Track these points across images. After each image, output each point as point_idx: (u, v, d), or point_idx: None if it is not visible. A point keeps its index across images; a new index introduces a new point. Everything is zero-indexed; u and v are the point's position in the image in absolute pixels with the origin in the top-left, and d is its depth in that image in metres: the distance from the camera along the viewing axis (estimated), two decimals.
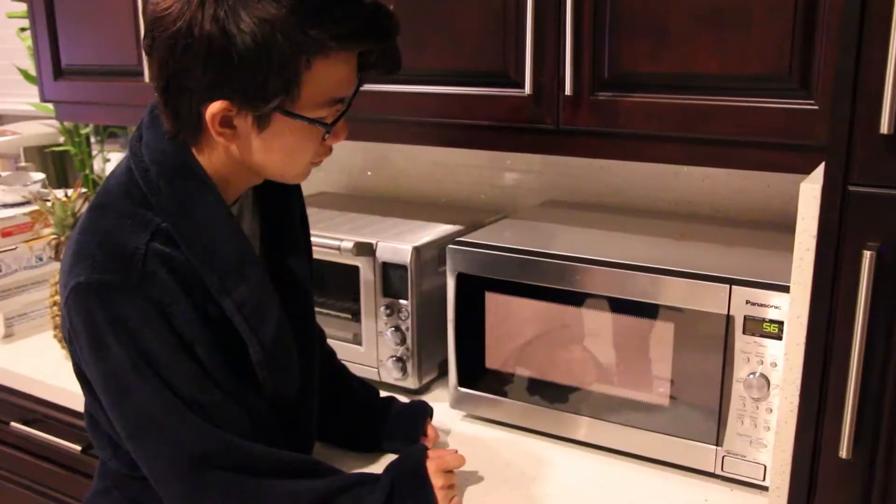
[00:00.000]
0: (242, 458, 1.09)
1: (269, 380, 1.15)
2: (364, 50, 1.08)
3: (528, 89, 1.35)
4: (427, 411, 1.41)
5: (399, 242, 1.54)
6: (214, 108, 1.02)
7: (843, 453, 0.92)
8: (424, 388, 1.62)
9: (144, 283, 1.03)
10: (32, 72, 2.20)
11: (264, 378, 1.14)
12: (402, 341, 1.56)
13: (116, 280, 1.03)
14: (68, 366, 1.18)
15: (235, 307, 1.09)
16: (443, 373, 1.62)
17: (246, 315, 1.10)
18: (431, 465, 1.20)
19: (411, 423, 1.39)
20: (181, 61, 1.00)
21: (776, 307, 1.19)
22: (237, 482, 1.08)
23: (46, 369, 1.77)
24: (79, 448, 1.72)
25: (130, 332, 1.03)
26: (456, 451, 1.29)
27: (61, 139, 2.58)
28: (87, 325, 1.05)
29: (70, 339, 1.11)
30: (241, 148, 1.08)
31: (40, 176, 2.24)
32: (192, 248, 1.07)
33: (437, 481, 1.19)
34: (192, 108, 1.04)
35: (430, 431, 1.40)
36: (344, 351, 1.58)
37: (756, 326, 1.21)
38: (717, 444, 1.28)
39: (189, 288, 1.07)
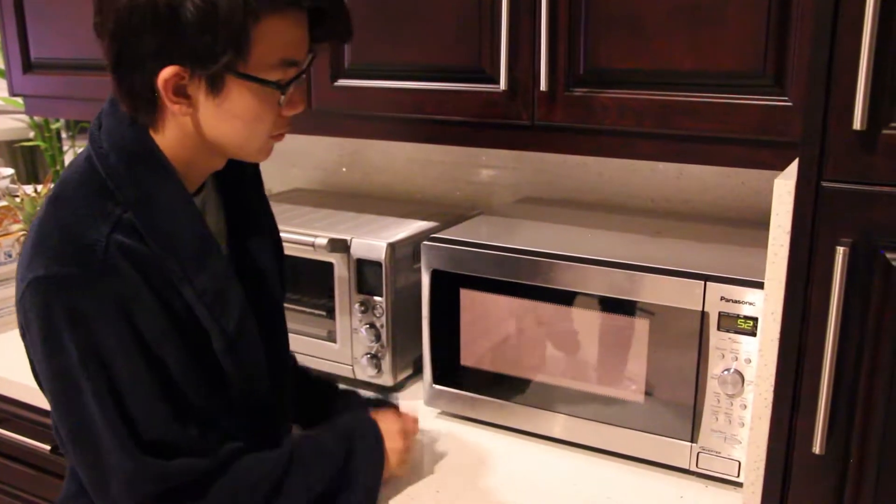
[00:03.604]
0: (175, 478, 1.07)
1: (235, 371, 1.12)
2: (316, 13, 1.06)
3: (503, 85, 1.34)
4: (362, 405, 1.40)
5: (373, 239, 1.53)
6: (166, 73, 1.00)
7: (817, 449, 0.92)
8: (399, 386, 1.61)
9: (106, 276, 1.01)
10: (1, 65, 2.16)
11: (230, 369, 1.12)
12: (377, 338, 1.55)
13: (77, 273, 1.01)
14: None
15: (197, 295, 1.07)
16: (417, 370, 1.61)
17: (208, 303, 1.08)
18: (396, 425, 1.27)
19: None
20: (129, 29, 0.99)
21: (750, 303, 1.20)
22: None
23: (15, 367, 1.74)
24: (48, 448, 1.69)
25: (88, 327, 1.01)
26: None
27: (31, 134, 2.55)
28: (43, 320, 1.02)
29: (24, 336, 1.08)
30: (196, 119, 1.06)
31: (9, 171, 2.21)
32: (154, 237, 1.05)
33: (398, 443, 1.25)
34: (145, 81, 1.02)
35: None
36: (318, 348, 1.57)
37: (730, 323, 1.22)
38: (691, 441, 1.29)
39: (152, 280, 1.04)
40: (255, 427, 1.19)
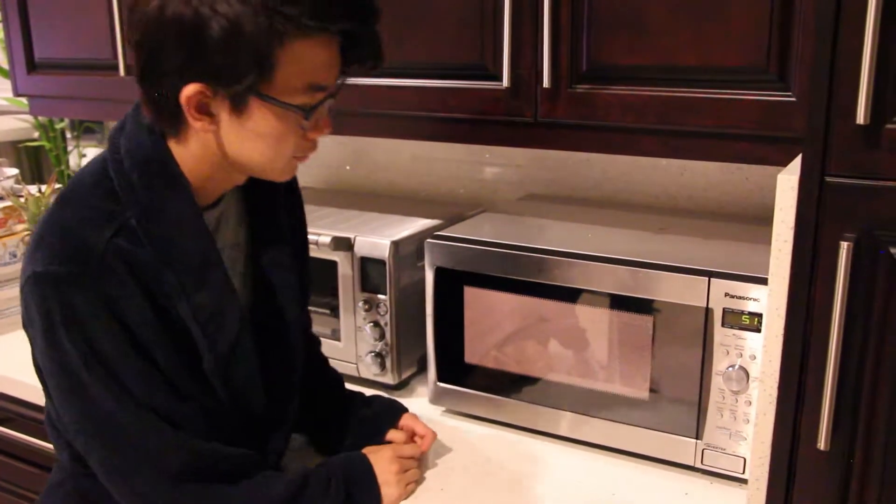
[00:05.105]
0: (197, 458, 1.08)
1: (223, 387, 1.13)
2: (344, 33, 1.05)
3: (506, 82, 1.34)
4: (388, 420, 1.39)
5: (377, 237, 1.53)
6: (189, 90, 1.00)
7: (822, 444, 0.92)
8: (403, 384, 1.61)
9: (100, 278, 1.02)
10: (5, 65, 2.17)
11: (218, 385, 1.13)
12: (381, 336, 1.55)
13: (73, 272, 1.02)
14: None
15: (191, 312, 1.07)
16: (422, 368, 1.61)
17: (202, 321, 1.08)
18: (387, 453, 1.25)
19: (373, 430, 1.38)
20: (154, 43, 0.99)
21: (755, 299, 1.19)
22: (193, 485, 1.08)
23: (20, 367, 1.74)
24: (52, 447, 1.69)
25: (82, 326, 1.02)
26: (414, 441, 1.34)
27: (35, 134, 2.55)
28: (42, 314, 1.03)
29: (27, 327, 1.10)
30: (218, 137, 1.06)
31: (14, 171, 2.21)
32: (155, 246, 1.05)
33: (390, 467, 1.23)
34: (169, 95, 1.02)
35: (404, 424, 1.38)
36: (322, 346, 1.57)
37: (735, 319, 1.21)
38: (696, 438, 1.28)
39: (148, 288, 1.05)
40: (249, 432, 1.19)
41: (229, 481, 1.11)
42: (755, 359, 1.21)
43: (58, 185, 1.87)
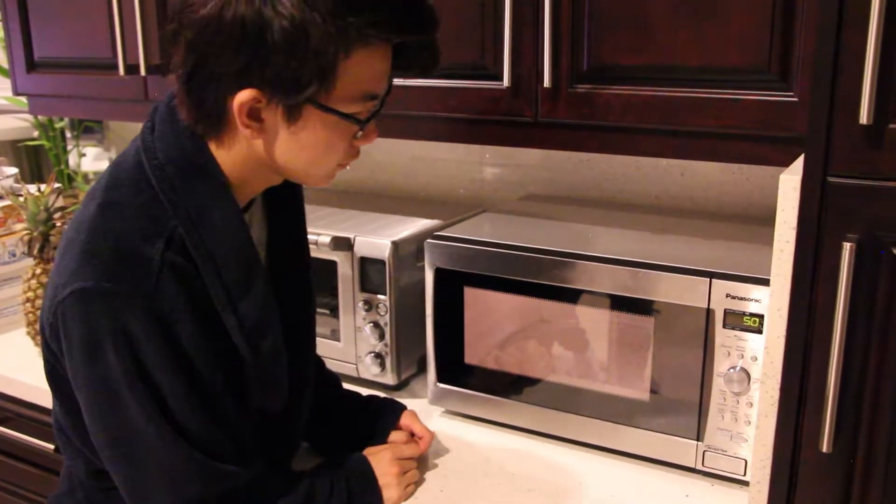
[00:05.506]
0: (217, 484, 1.07)
1: (257, 387, 1.12)
2: (402, 43, 1.04)
3: (506, 81, 1.34)
4: (388, 420, 1.38)
5: (377, 237, 1.53)
6: (243, 96, 0.97)
7: (824, 447, 0.91)
8: (403, 384, 1.61)
9: (156, 297, 0.99)
10: (5, 64, 2.16)
11: (253, 386, 1.12)
12: (381, 337, 1.54)
13: (128, 290, 0.98)
14: (41, 363, 1.14)
15: (238, 322, 1.05)
16: (421, 368, 1.60)
17: (247, 330, 1.06)
18: (387, 455, 1.24)
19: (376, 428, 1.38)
20: (211, 46, 0.96)
21: (756, 300, 1.19)
22: None
23: (19, 367, 1.74)
24: (51, 447, 1.69)
25: (132, 345, 0.99)
26: (414, 441, 1.34)
27: (35, 133, 2.55)
28: (86, 330, 0.99)
29: (53, 337, 1.05)
30: (267, 143, 1.03)
31: (13, 170, 2.21)
32: (203, 258, 1.02)
33: (391, 469, 1.22)
34: (218, 98, 0.99)
35: (404, 424, 1.38)
36: (322, 346, 1.56)
37: (736, 320, 1.21)
38: (697, 440, 1.28)
39: (196, 301, 1.02)
40: (266, 439, 1.18)
41: (251, 494, 1.10)
42: (756, 360, 1.20)
43: (57, 185, 1.86)
